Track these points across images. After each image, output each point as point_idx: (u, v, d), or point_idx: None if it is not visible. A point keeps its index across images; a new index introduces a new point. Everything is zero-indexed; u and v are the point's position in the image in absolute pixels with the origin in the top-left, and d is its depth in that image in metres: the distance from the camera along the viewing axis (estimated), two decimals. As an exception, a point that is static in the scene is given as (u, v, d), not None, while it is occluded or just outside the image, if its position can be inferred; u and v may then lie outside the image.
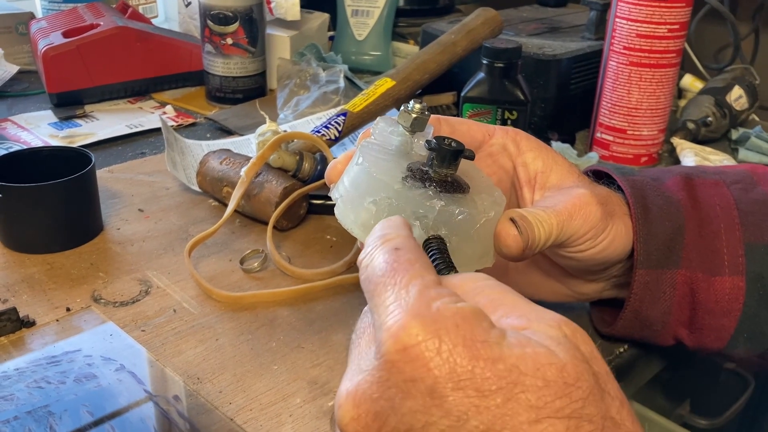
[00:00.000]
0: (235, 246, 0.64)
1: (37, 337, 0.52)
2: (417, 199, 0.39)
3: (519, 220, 0.42)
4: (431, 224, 0.40)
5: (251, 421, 0.44)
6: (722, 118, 0.92)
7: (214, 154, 0.72)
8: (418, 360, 0.27)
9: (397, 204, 0.40)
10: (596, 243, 0.46)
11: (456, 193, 0.41)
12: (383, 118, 0.45)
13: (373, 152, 0.42)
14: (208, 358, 0.50)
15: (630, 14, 0.78)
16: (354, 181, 0.42)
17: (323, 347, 0.51)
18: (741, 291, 0.46)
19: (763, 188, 0.49)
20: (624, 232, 0.47)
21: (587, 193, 0.46)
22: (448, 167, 0.40)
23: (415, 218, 0.40)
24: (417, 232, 0.39)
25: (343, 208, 0.42)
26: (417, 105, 0.42)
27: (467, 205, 0.40)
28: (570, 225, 0.44)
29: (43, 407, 0.45)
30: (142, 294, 0.57)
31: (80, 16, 1.04)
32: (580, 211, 0.45)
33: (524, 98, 0.74)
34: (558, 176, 0.48)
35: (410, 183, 0.40)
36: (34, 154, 0.67)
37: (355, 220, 0.41)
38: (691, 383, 0.80)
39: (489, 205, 0.41)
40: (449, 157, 0.40)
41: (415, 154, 0.43)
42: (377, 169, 0.41)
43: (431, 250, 0.38)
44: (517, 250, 0.42)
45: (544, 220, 0.43)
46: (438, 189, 0.40)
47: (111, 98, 1.00)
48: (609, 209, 0.47)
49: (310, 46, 1.04)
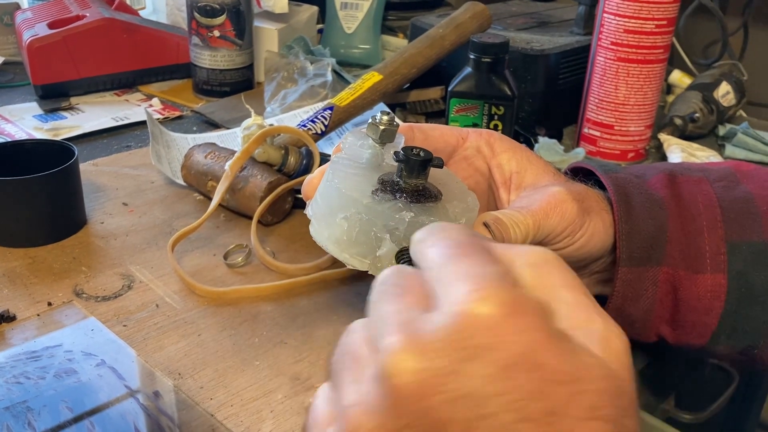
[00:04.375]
0: (219, 241, 0.64)
1: (17, 332, 0.51)
2: (386, 212, 0.40)
3: (492, 223, 0.42)
4: (403, 235, 0.40)
5: (232, 416, 0.44)
6: (710, 114, 0.92)
7: (199, 147, 0.71)
8: (496, 329, 0.25)
9: (368, 218, 0.41)
10: (574, 240, 0.46)
11: (427, 202, 0.41)
12: (352, 131, 0.45)
13: (343, 167, 0.43)
14: (190, 354, 0.50)
15: (618, 10, 0.78)
16: (325, 198, 0.43)
17: (306, 343, 0.51)
18: (723, 288, 0.46)
19: (747, 186, 0.49)
20: (602, 228, 0.47)
21: (562, 190, 0.46)
22: (417, 177, 0.41)
23: (386, 231, 0.40)
24: (388, 245, 0.40)
25: (316, 225, 0.43)
26: (384, 117, 0.43)
27: (438, 213, 0.41)
28: (546, 223, 0.45)
29: (21, 403, 0.44)
30: (124, 289, 0.57)
31: (66, 6, 1.03)
32: (555, 208, 0.45)
33: (511, 93, 0.74)
34: (533, 175, 0.48)
35: (380, 196, 0.41)
36: (17, 147, 0.66)
37: (329, 237, 0.42)
38: (675, 378, 0.80)
39: (460, 212, 0.42)
40: (417, 167, 0.41)
41: (387, 165, 0.43)
42: (346, 184, 0.42)
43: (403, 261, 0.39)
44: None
45: (519, 221, 0.44)
46: (408, 200, 0.40)
47: (97, 90, 0.99)
48: (585, 206, 0.47)
49: (298, 39, 1.03)
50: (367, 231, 0.41)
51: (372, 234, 0.41)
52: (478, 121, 0.75)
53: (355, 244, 0.42)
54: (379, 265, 0.42)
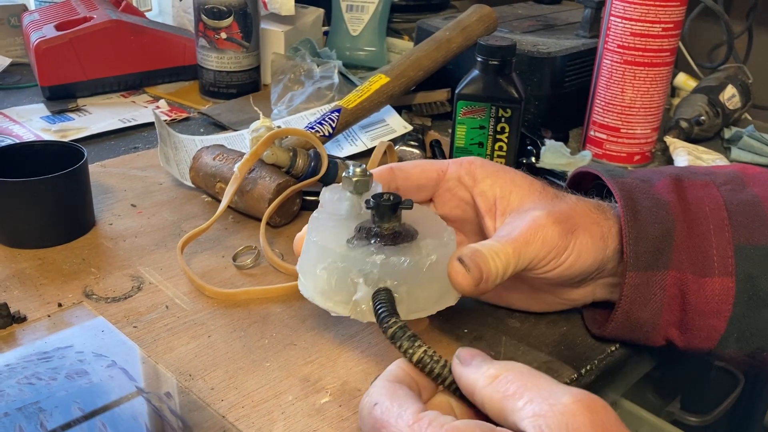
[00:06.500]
0: (228, 242, 0.64)
1: (28, 333, 0.51)
2: (360, 257, 0.43)
3: (469, 257, 0.43)
4: (377, 277, 0.43)
5: (243, 418, 0.45)
6: (715, 117, 0.92)
7: (207, 149, 0.71)
8: None
9: (344, 265, 0.43)
10: (561, 262, 0.47)
11: (402, 242, 0.43)
12: (328, 188, 0.48)
13: (321, 222, 0.46)
14: (200, 355, 0.50)
15: (624, 13, 0.78)
16: (306, 254, 0.47)
17: (316, 344, 0.51)
18: (731, 292, 0.46)
19: (753, 189, 0.49)
20: (590, 244, 0.47)
21: (542, 215, 0.46)
22: (390, 221, 0.44)
23: (361, 275, 0.43)
24: (363, 289, 0.43)
25: (303, 280, 0.47)
26: (357, 169, 0.46)
27: (411, 252, 0.43)
28: (527, 251, 0.45)
29: (33, 404, 0.45)
30: (134, 290, 0.57)
31: (73, 8, 1.04)
32: (535, 235, 0.45)
33: (518, 96, 0.74)
34: (518, 198, 0.49)
35: (355, 243, 0.44)
36: (26, 148, 0.66)
37: (313, 288, 0.46)
38: (681, 381, 0.80)
39: (432, 249, 0.44)
40: (388, 212, 0.43)
41: (365, 213, 0.46)
42: (322, 237, 0.45)
43: (378, 302, 0.41)
44: (470, 288, 0.43)
45: (499, 251, 0.44)
46: (383, 243, 0.43)
47: (104, 92, 0.99)
48: (570, 225, 0.47)
49: (304, 41, 1.03)
50: (344, 278, 0.44)
51: (349, 280, 0.44)
52: (485, 123, 0.75)
53: (336, 292, 0.45)
54: (358, 309, 0.44)
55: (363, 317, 0.44)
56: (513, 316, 0.55)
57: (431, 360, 0.38)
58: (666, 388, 0.77)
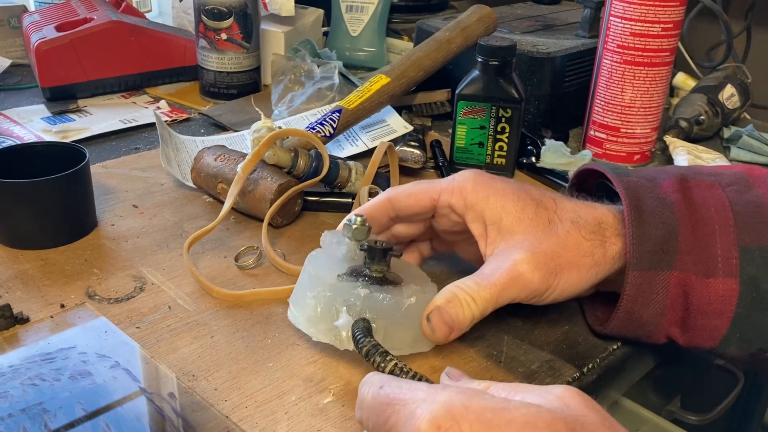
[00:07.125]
0: (230, 243, 0.64)
1: (31, 334, 0.52)
2: (346, 288, 0.47)
3: (437, 315, 0.47)
4: (359, 309, 0.46)
5: (247, 418, 0.45)
6: (714, 117, 0.92)
7: (208, 150, 0.71)
8: None
9: (331, 295, 0.47)
10: (543, 299, 0.49)
11: (387, 285, 0.48)
12: (328, 232, 0.52)
13: (318, 260, 0.50)
14: (203, 356, 0.50)
15: (624, 13, 0.78)
16: (299, 284, 0.50)
17: (318, 344, 0.51)
18: (734, 293, 0.46)
19: (758, 190, 0.49)
20: (577, 279, 0.48)
21: (523, 259, 0.47)
22: (379, 264, 0.48)
23: (345, 305, 0.47)
24: (344, 317, 0.47)
25: (294, 311, 0.50)
26: (358, 218, 0.49)
27: (393, 292, 0.47)
28: (505, 295, 0.47)
29: (37, 404, 0.45)
30: (136, 290, 0.57)
31: (73, 9, 1.04)
32: (515, 282, 0.47)
33: (518, 96, 0.74)
34: (509, 224, 0.50)
35: (345, 278, 0.48)
36: (27, 149, 0.66)
37: (302, 316, 0.49)
38: (681, 380, 0.80)
39: (413, 293, 0.48)
40: (379, 254, 0.48)
41: (360, 258, 0.50)
42: (316, 269, 0.49)
43: (357, 329, 0.45)
44: (440, 341, 0.48)
45: (476, 296, 0.47)
46: (370, 283, 0.47)
47: (104, 93, 0.99)
48: (554, 266, 0.47)
49: (304, 42, 1.04)
50: (330, 306, 0.47)
51: (333, 309, 0.47)
52: (485, 123, 0.76)
53: (321, 320, 0.48)
54: (337, 335, 0.48)
55: (341, 344, 0.48)
56: (515, 315, 0.55)
57: (401, 372, 0.41)
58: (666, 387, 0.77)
